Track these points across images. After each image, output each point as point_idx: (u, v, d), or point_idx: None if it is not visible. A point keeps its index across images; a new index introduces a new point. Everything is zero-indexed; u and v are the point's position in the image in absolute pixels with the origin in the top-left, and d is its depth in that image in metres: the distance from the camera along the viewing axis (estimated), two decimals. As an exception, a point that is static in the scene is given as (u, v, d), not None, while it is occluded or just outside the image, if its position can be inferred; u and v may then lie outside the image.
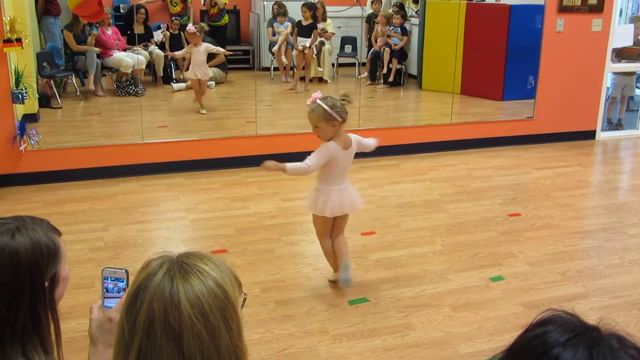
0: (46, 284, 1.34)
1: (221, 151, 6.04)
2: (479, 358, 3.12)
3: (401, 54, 8.87)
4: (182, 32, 8.64)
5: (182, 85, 8.27)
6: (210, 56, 7.96)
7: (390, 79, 8.76)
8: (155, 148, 5.93)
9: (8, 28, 5.17)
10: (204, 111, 7.29)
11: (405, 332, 3.33)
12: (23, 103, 5.45)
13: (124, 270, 1.60)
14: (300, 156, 6.09)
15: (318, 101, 3.47)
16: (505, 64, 7.86)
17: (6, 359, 1.28)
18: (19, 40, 5.26)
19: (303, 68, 8.64)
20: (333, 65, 9.25)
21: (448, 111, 7.12)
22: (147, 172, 5.71)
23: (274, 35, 8.94)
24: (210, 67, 7.73)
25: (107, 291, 1.60)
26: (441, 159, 6.43)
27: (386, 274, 3.97)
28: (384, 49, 8.85)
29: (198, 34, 7.30)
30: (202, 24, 7.58)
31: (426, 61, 8.67)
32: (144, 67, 8.03)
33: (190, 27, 7.33)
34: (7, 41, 5.18)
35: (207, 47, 7.45)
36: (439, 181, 5.75)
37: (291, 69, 9.04)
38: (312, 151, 3.64)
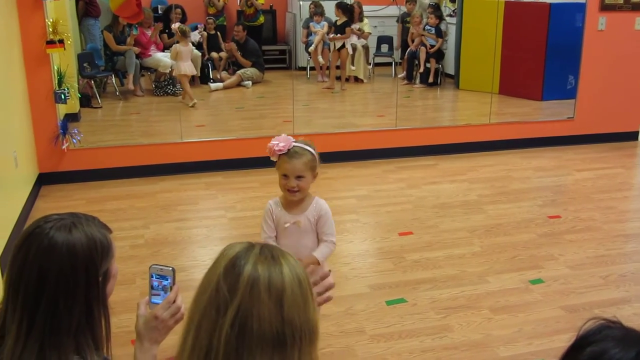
0: (100, 279, 1.37)
1: (259, 150, 6.03)
2: (519, 361, 3.08)
3: (438, 54, 8.81)
4: (218, 33, 8.72)
5: (220, 84, 8.35)
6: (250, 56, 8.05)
7: (430, 79, 8.71)
8: (193, 147, 5.99)
9: (51, 30, 5.27)
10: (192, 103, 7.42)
11: (443, 334, 3.31)
12: (65, 103, 5.56)
13: (170, 268, 1.61)
14: (338, 156, 6.14)
15: (300, 145, 2.65)
16: (544, 64, 7.75)
17: (61, 352, 1.31)
18: (61, 41, 5.36)
19: (338, 67, 8.65)
20: (370, 64, 9.23)
21: (486, 111, 7.05)
22: (185, 171, 5.77)
23: (308, 35, 8.96)
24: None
25: (153, 288, 1.62)
26: (479, 159, 6.37)
27: (424, 275, 3.95)
28: (419, 49, 8.80)
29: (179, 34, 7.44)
30: (181, 25, 7.61)
31: (464, 60, 8.60)
32: (182, 67, 8.10)
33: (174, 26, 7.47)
34: (50, 42, 5.29)
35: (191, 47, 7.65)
36: (477, 182, 5.70)
37: (327, 68, 9.06)
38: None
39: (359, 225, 4.75)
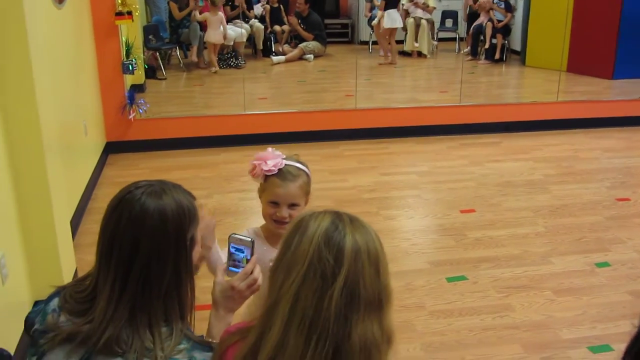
0: (187, 244, 1.40)
1: (321, 124, 6.08)
2: (582, 345, 3.02)
3: (505, 29, 8.60)
4: (281, 6, 8.72)
5: (282, 58, 8.37)
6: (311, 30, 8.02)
7: (497, 55, 8.52)
8: (256, 119, 6.04)
9: (119, 1, 5.37)
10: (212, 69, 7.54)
11: (504, 313, 3.27)
12: (133, 74, 5.68)
13: (249, 239, 1.61)
14: (400, 131, 6.09)
15: (292, 163, 2.02)
16: (617, 40, 7.47)
17: (151, 315, 1.35)
18: (129, 13, 5.45)
19: (401, 42, 8.56)
20: (434, 39, 9.09)
21: (553, 89, 6.86)
22: (248, 143, 5.82)
23: (371, 9, 8.87)
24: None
25: (231, 257, 1.63)
26: (545, 138, 6.22)
27: (486, 253, 3.90)
28: (486, 24, 8.61)
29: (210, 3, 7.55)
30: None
31: (531, 36, 8.37)
32: (244, 40, 8.16)
33: None
34: (119, 14, 5.38)
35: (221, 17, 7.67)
36: (543, 161, 5.57)
37: (389, 43, 8.96)
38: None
39: (421, 201, 4.71)
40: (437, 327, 3.15)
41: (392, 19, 8.42)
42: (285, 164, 1.98)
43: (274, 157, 1.98)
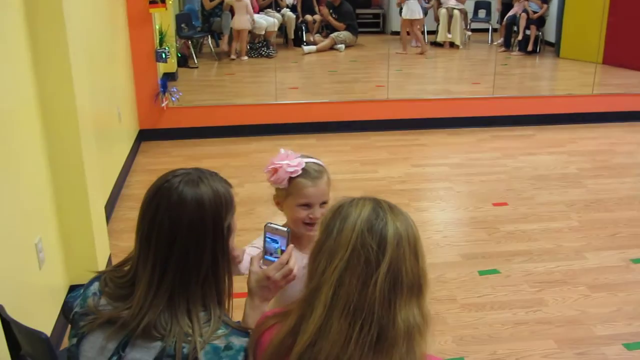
0: (224, 232, 1.41)
1: (352, 114, 6.06)
2: (617, 341, 2.97)
3: (539, 20, 8.47)
4: (313, -6, 8.70)
5: (313, 47, 8.35)
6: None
7: (530, 47, 8.40)
8: (287, 109, 6.04)
9: (153, -11, 5.39)
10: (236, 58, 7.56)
11: (537, 308, 3.23)
12: (166, 62, 5.71)
13: (285, 230, 1.61)
14: (432, 123, 6.05)
15: (312, 160, 1.89)
16: (656, 32, 7.32)
17: (190, 301, 1.36)
18: (163, 1, 5.47)
19: (433, 32, 8.48)
20: (467, 30, 9.00)
21: (589, 81, 6.75)
22: (279, 132, 5.83)
23: (404, -1, 8.80)
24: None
25: (266, 246, 1.63)
26: (580, 131, 6.12)
27: (518, 247, 3.85)
28: (520, 14, 8.49)
29: None
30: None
31: (566, 27, 8.23)
32: (276, 30, 8.16)
33: None
34: (153, 2, 5.41)
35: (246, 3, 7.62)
36: (577, 155, 5.49)
37: (422, 33, 8.90)
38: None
39: (452, 193, 4.68)
40: (469, 320, 3.12)
41: (410, 10, 8.38)
42: (306, 162, 1.85)
43: (292, 158, 1.84)
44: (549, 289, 3.40)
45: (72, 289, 3.07)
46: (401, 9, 8.70)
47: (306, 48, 8.33)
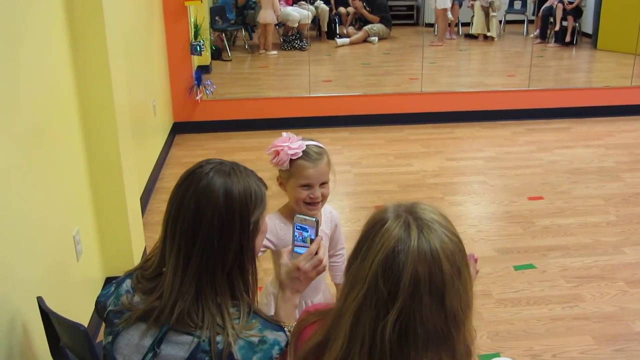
0: (251, 227, 1.41)
1: (385, 107, 6.03)
2: (655, 338, 2.92)
3: (576, 11, 8.31)
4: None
5: (346, 40, 8.32)
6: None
7: (567, 38, 8.26)
8: (321, 102, 6.03)
9: (189, -18, 5.42)
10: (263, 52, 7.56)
11: (574, 303, 3.19)
12: (200, 55, 5.74)
13: (313, 219, 1.62)
14: (466, 116, 5.99)
15: (313, 142, 1.99)
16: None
17: (217, 289, 1.37)
18: (198, -7, 5.50)
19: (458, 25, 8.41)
20: (500, 22, 8.88)
21: (627, 73, 6.61)
22: (312, 125, 5.82)
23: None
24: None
25: (296, 238, 1.64)
26: (617, 124, 6.01)
27: (554, 242, 3.80)
28: (556, 5, 8.34)
29: None
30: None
31: (604, 18, 8.06)
32: (309, 22, 8.14)
33: None
34: (188, -5, 5.44)
35: None
36: (615, 148, 5.39)
37: (456, 25, 8.82)
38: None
39: (487, 187, 4.63)
40: (504, 315, 3.09)
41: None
42: (306, 145, 1.94)
43: (295, 140, 1.94)
44: (587, 285, 3.35)
45: (108, 281, 3.12)
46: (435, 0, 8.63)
47: (339, 41, 8.31)
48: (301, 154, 1.92)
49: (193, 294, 1.35)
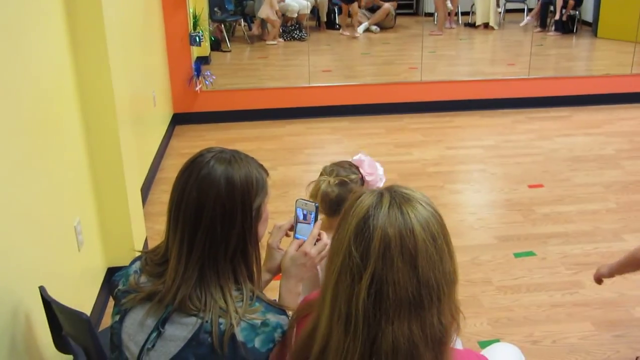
0: (253, 213, 1.42)
1: (385, 96, 6.03)
2: (655, 324, 2.94)
3: (576, -1, 8.29)
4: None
5: (365, 24, 8.27)
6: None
7: (565, 18, 8.21)
8: (320, 92, 6.03)
9: (187, -27, 5.41)
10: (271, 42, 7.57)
11: (574, 290, 3.20)
12: (200, 45, 5.73)
13: (314, 204, 1.64)
14: (466, 105, 5.99)
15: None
16: (697, 10, 7.10)
17: (220, 275, 1.38)
18: (197, -16, 5.49)
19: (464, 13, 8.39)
20: (500, 11, 8.86)
21: (627, 61, 6.60)
22: (312, 115, 5.83)
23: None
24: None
25: (297, 223, 1.65)
26: (617, 112, 6.00)
27: (554, 229, 3.81)
28: (557, -7, 8.31)
29: None
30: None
31: (604, 6, 8.04)
32: (308, 12, 8.12)
33: None
34: (187, -15, 5.43)
35: None
36: (615, 135, 5.39)
37: (456, 14, 8.79)
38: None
39: (487, 175, 4.64)
40: (504, 302, 3.11)
41: None
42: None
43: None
44: (586, 271, 3.35)
45: (110, 271, 3.13)
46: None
47: (360, 28, 8.22)
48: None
49: (196, 278, 1.36)
